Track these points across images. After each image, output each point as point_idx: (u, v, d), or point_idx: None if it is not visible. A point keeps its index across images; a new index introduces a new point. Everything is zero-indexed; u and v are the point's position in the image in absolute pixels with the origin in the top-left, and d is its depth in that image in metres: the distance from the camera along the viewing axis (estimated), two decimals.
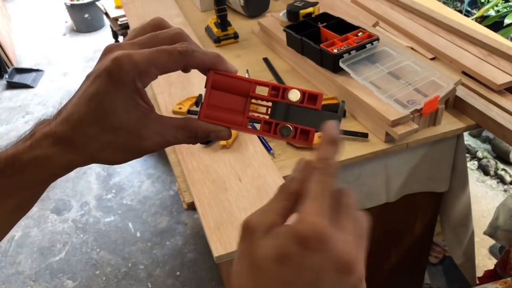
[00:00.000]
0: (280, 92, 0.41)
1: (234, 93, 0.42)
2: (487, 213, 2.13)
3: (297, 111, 0.41)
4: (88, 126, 0.38)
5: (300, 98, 0.41)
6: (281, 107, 0.41)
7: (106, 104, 0.37)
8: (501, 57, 1.22)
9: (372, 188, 1.16)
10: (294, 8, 1.38)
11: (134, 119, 0.38)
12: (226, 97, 0.42)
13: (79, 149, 0.38)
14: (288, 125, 0.41)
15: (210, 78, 0.41)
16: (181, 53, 0.38)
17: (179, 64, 0.39)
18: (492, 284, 1.15)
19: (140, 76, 0.37)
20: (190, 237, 2.20)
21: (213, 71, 0.41)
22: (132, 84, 0.37)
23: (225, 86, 0.41)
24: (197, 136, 0.41)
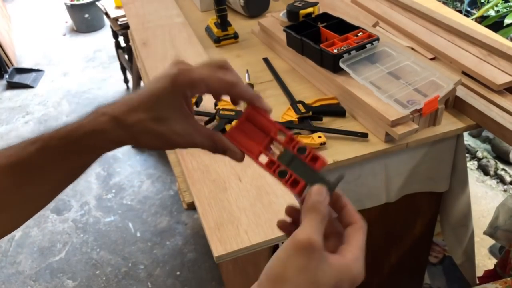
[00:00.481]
0: (293, 143, 0.49)
1: (259, 129, 0.51)
2: (487, 213, 2.13)
3: (299, 163, 0.48)
4: (141, 111, 0.47)
5: (306, 154, 0.48)
6: (288, 154, 0.49)
7: (160, 98, 0.47)
8: (501, 57, 1.22)
9: (372, 188, 1.16)
10: (294, 8, 1.38)
11: (176, 116, 0.48)
12: (253, 130, 0.51)
13: (128, 128, 0.47)
14: (287, 170, 0.48)
15: (247, 111, 0.51)
16: (229, 83, 0.48)
17: (224, 90, 0.49)
18: (492, 284, 1.15)
19: (191, 87, 0.48)
20: (190, 237, 2.20)
21: (251, 105, 0.50)
22: (183, 91, 0.48)
23: (255, 121, 0.51)
24: (217, 148, 0.51)
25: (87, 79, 3.52)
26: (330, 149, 1.05)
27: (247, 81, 1.30)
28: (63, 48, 4.00)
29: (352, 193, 1.14)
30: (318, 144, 1.03)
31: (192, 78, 0.47)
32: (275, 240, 0.77)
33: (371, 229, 1.45)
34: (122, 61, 2.99)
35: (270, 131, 0.51)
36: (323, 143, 1.04)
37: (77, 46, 4.01)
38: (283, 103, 1.22)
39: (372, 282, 1.47)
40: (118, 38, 2.88)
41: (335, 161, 1.02)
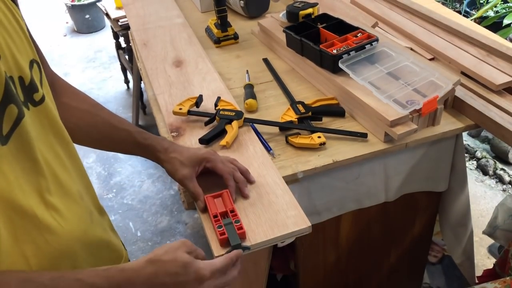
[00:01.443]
0: (236, 216, 0.81)
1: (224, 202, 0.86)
2: (486, 212, 2.13)
3: (232, 227, 0.78)
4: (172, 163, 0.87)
5: (238, 225, 0.79)
6: (229, 220, 0.80)
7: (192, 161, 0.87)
8: (500, 58, 1.23)
9: (371, 188, 1.16)
10: (294, 9, 1.38)
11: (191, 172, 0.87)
12: (220, 201, 0.86)
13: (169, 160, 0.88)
14: (223, 227, 0.78)
15: (225, 192, 0.86)
16: (229, 173, 0.88)
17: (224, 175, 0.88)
18: (491, 283, 1.15)
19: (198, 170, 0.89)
20: (190, 236, 2.20)
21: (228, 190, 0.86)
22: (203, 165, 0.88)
23: (224, 199, 0.86)
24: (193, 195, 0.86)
25: (88, 80, 3.52)
26: (330, 149, 1.06)
27: (247, 82, 1.30)
28: (64, 48, 4.01)
29: (352, 193, 1.15)
30: (317, 145, 1.04)
31: (212, 165, 0.86)
32: (275, 240, 0.78)
33: (371, 228, 1.46)
34: (122, 62, 2.99)
35: (228, 207, 0.83)
36: (323, 143, 1.04)
37: (78, 46, 4.01)
38: (283, 104, 1.22)
39: (372, 282, 1.48)
40: (118, 39, 2.89)
41: (335, 161, 1.02)
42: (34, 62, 0.65)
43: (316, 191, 1.10)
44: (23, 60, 0.62)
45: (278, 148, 1.07)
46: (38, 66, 0.66)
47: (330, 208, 1.15)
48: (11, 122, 0.58)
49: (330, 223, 1.19)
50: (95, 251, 0.73)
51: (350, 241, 1.29)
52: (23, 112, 0.60)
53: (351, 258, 1.35)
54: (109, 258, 0.79)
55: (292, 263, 1.41)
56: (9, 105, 0.57)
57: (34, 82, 0.64)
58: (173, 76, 1.29)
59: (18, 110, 0.59)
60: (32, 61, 0.65)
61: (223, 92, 1.19)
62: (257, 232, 0.78)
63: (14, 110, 0.58)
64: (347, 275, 1.39)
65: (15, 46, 0.61)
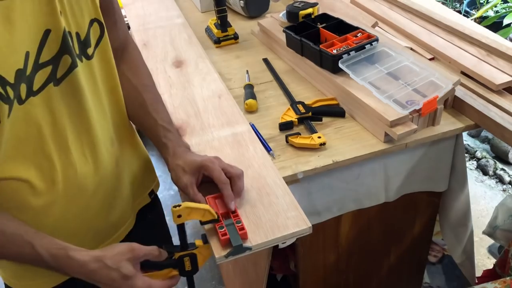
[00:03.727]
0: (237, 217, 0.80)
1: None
2: (486, 212, 2.13)
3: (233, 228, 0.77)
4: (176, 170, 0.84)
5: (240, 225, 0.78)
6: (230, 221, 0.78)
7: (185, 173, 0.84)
8: (500, 57, 1.23)
9: (371, 188, 1.16)
10: (294, 9, 1.38)
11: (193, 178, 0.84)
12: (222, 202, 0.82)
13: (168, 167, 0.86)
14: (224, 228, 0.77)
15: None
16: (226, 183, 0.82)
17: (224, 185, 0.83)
18: (491, 283, 1.15)
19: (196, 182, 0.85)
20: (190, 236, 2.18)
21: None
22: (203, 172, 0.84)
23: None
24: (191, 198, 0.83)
25: None
26: (330, 150, 1.06)
27: (247, 82, 1.30)
28: None
29: (352, 193, 1.15)
30: (317, 145, 1.04)
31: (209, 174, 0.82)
32: (276, 240, 0.78)
33: (371, 229, 1.46)
34: None
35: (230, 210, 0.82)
36: (323, 144, 1.04)
37: None
38: (283, 104, 1.22)
39: (372, 282, 1.48)
40: None
41: (335, 162, 1.02)
42: (95, 21, 0.76)
43: (316, 191, 1.10)
44: (82, 18, 0.73)
45: (278, 148, 1.07)
46: (99, 25, 0.77)
47: (330, 208, 1.15)
48: (65, 69, 0.71)
49: (330, 223, 1.18)
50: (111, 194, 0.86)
51: (350, 241, 1.29)
52: (76, 63, 0.73)
53: (351, 258, 1.35)
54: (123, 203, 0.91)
55: (292, 263, 1.41)
56: (64, 55, 0.70)
57: (89, 39, 0.75)
58: (173, 76, 1.29)
59: (71, 60, 0.72)
60: (93, 20, 0.75)
61: (223, 93, 1.19)
62: (258, 233, 0.78)
63: (68, 60, 0.71)
64: (347, 275, 1.39)
65: (77, 5, 0.72)
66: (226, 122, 1.08)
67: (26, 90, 0.66)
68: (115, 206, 0.89)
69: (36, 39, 0.66)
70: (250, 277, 1.36)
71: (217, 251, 0.76)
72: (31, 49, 0.66)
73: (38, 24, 0.66)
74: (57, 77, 0.71)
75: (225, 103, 1.15)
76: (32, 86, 0.67)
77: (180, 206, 0.74)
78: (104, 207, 0.86)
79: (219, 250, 0.76)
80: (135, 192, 0.96)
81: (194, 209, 0.75)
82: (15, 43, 0.63)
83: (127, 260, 0.71)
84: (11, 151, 0.68)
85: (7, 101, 0.64)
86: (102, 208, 0.85)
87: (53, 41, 0.68)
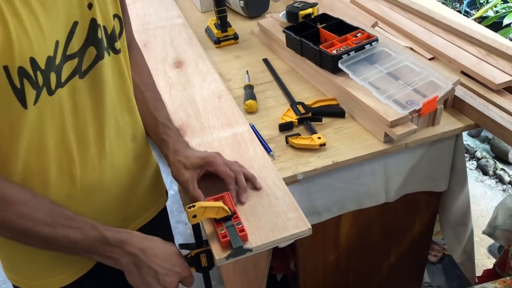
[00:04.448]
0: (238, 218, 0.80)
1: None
2: (486, 212, 2.13)
3: (233, 229, 0.77)
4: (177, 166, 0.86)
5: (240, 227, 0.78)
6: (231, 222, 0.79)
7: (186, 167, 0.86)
8: (500, 57, 1.23)
9: (372, 188, 1.16)
10: (294, 9, 1.38)
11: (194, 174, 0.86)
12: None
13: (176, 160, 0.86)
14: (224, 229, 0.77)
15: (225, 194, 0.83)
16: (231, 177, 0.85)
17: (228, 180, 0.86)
18: (491, 283, 1.15)
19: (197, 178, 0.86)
20: (190, 236, 2.20)
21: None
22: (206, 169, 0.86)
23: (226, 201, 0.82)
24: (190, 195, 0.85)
25: None
26: (330, 150, 1.06)
27: (247, 82, 1.30)
28: None
29: (352, 193, 1.15)
30: (317, 145, 1.04)
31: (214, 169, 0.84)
32: (275, 242, 0.78)
33: (371, 228, 1.46)
34: None
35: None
36: (323, 144, 1.04)
37: None
38: (283, 104, 1.22)
39: (372, 282, 1.48)
40: None
41: (335, 162, 1.02)
42: (117, 17, 0.77)
43: (316, 191, 1.10)
44: (108, 12, 0.74)
45: (278, 149, 1.07)
46: (119, 21, 0.78)
47: (330, 208, 1.15)
48: (90, 61, 0.72)
49: (330, 224, 1.19)
50: (128, 189, 0.87)
51: (350, 241, 1.29)
52: (103, 55, 0.74)
53: (351, 258, 1.35)
54: (140, 198, 0.92)
55: (292, 263, 1.41)
56: (89, 46, 0.71)
57: (115, 33, 0.76)
58: (173, 77, 1.29)
59: (96, 53, 0.72)
60: (115, 15, 0.77)
61: (223, 93, 1.19)
62: (258, 235, 0.78)
63: (93, 52, 0.72)
64: (347, 275, 1.40)
65: (104, 1, 0.73)
66: (226, 122, 1.08)
67: (55, 80, 0.67)
68: (130, 203, 0.89)
69: (66, 29, 0.67)
70: (250, 277, 1.36)
71: (217, 252, 0.76)
72: (61, 39, 0.67)
73: (68, 15, 0.67)
74: (82, 69, 0.71)
75: (225, 104, 1.15)
76: (60, 77, 0.68)
77: (195, 206, 0.75)
78: (119, 204, 0.86)
79: (220, 251, 0.76)
80: (151, 191, 0.97)
81: (209, 207, 0.76)
82: (47, 30, 0.63)
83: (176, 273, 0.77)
84: (35, 142, 0.68)
85: (36, 86, 0.64)
86: (117, 204, 0.86)
87: (80, 33, 0.69)
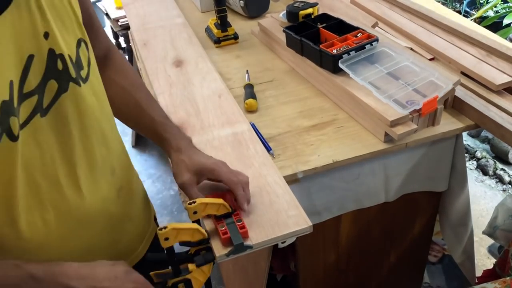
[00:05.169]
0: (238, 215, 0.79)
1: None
2: (485, 212, 2.13)
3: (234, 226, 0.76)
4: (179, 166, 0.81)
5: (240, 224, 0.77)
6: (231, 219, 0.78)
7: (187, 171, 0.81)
8: (500, 58, 1.23)
9: (371, 188, 1.16)
10: (294, 9, 1.38)
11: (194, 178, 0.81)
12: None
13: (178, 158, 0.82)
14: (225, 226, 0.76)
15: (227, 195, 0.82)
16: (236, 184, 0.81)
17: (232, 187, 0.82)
18: (491, 283, 1.15)
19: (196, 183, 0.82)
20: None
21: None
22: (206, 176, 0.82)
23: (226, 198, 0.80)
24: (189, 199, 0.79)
25: None
26: (330, 149, 1.06)
27: (247, 82, 1.30)
28: None
29: (352, 193, 1.15)
30: None
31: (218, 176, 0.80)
32: (276, 239, 0.78)
33: (371, 228, 1.46)
34: None
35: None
36: None
37: None
38: (283, 104, 1.22)
39: (372, 282, 1.48)
40: (118, 39, 2.89)
41: (335, 161, 1.03)
42: (82, 41, 0.70)
43: (316, 191, 1.10)
44: (70, 39, 0.67)
45: (278, 148, 1.07)
46: (85, 45, 0.71)
47: (330, 208, 1.15)
48: (51, 96, 0.65)
49: (330, 223, 1.19)
50: (116, 225, 0.81)
51: (350, 241, 1.29)
52: (66, 87, 0.66)
53: (351, 258, 1.35)
54: (130, 232, 0.86)
55: (292, 263, 1.41)
56: (49, 80, 0.64)
57: (80, 60, 0.69)
58: (173, 76, 1.29)
59: (58, 85, 0.65)
60: (80, 40, 0.69)
61: (224, 92, 1.19)
62: (258, 232, 0.78)
63: (54, 85, 0.64)
64: (347, 275, 1.40)
65: (63, 25, 0.65)
66: (226, 121, 1.08)
67: (18, 124, 0.60)
68: (120, 239, 0.84)
69: (19, 66, 0.60)
70: (250, 277, 1.36)
71: (218, 249, 0.76)
72: (14, 77, 0.59)
73: (19, 49, 0.60)
74: (43, 106, 0.64)
75: (225, 103, 1.15)
76: (18, 119, 0.60)
77: (196, 202, 0.73)
78: (108, 240, 0.80)
79: (220, 248, 0.76)
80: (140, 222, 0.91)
81: (209, 204, 0.75)
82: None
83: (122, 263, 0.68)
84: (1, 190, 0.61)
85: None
86: (103, 242, 0.79)
87: (37, 67, 0.62)
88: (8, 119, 0.58)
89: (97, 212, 0.75)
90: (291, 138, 1.10)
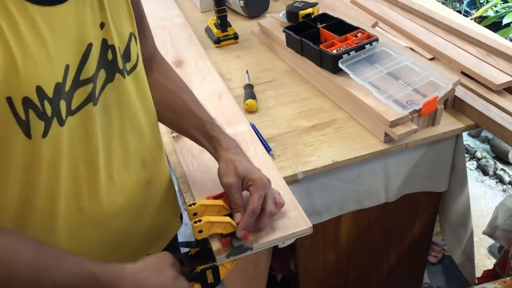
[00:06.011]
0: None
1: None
2: (486, 213, 2.13)
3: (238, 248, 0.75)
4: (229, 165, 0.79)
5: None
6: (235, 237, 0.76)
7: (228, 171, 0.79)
8: (500, 57, 1.23)
9: (372, 188, 1.16)
10: (294, 8, 1.38)
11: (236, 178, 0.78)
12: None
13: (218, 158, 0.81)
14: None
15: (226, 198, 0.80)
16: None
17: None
18: (491, 283, 1.15)
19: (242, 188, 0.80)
20: (190, 236, 2.20)
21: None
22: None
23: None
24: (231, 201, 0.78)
25: None
26: (330, 150, 1.06)
27: (247, 82, 1.30)
28: None
29: (352, 193, 1.15)
30: None
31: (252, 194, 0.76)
32: (276, 241, 0.78)
33: (371, 229, 1.46)
34: None
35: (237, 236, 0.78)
36: None
37: None
38: (283, 104, 1.22)
39: (372, 282, 1.48)
40: None
41: (335, 162, 1.02)
42: (133, 35, 0.73)
43: (316, 191, 1.10)
44: (123, 31, 0.70)
45: (278, 148, 1.07)
46: (135, 40, 0.74)
47: (330, 208, 1.15)
48: (100, 86, 0.67)
49: (330, 224, 1.18)
50: (140, 217, 0.82)
51: (350, 241, 1.29)
52: (112, 77, 0.69)
53: (351, 258, 1.35)
54: (153, 226, 0.87)
55: (292, 264, 1.41)
56: (101, 69, 0.67)
57: (128, 53, 0.72)
58: None
59: (106, 75, 0.68)
60: (131, 34, 0.72)
61: (224, 93, 1.19)
62: (258, 233, 0.78)
63: (103, 75, 0.67)
64: (347, 275, 1.39)
65: (118, 17, 0.68)
66: (226, 122, 1.08)
67: (66, 109, 0.61)
68: (139, 231, 0.84)
69: (79, 52, 0.62)
70: (250, 277, 1.36)
71: (218, 251, 0.75)
72: (72, 63, 0.61)
73: (81, 36, 0.62)
74: (96, 95, 0.66)
75: (225, 103, 1.15)
76: (71, 105, 0.62)
77: (201, 221, 0.71)
78: (123, 237, 0.81)
79: (220, 250, 0.76)
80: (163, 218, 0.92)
81: (215, 222, 0.73)
82: (55, 53, 0.58)
83: (170, 264, 0.70)
84: (44, 175, 0.63)
85: (43, 117, 0.58)
86: (130, 232, 0.81)
87: (94, 56, 0.64)
88: (59, 103, 0.60)
89: (126, 202, 0.77)
90: (291, 139, 1.10)
